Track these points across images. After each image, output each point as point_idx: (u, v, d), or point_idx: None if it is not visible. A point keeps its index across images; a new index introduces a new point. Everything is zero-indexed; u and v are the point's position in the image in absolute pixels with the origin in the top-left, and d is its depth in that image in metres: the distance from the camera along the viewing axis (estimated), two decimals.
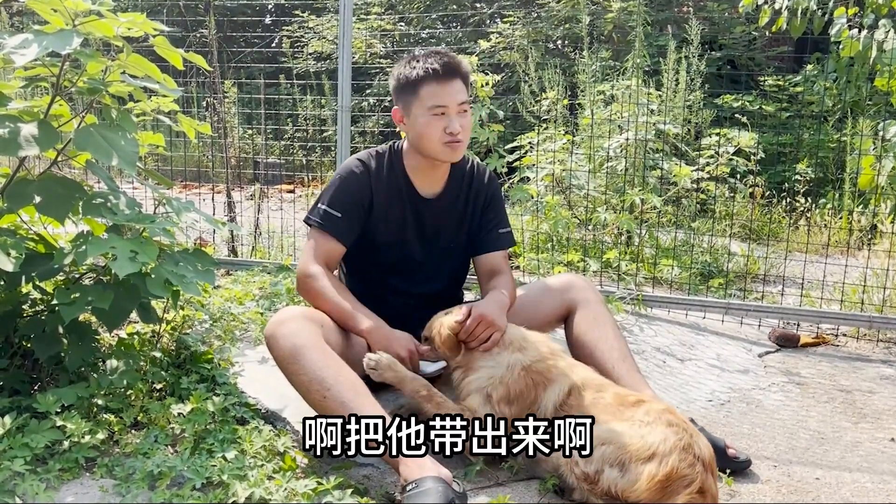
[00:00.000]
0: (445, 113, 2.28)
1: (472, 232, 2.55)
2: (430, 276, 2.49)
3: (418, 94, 2.29)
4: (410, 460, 1.83)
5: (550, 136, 4.67)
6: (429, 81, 2.27)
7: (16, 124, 1.89)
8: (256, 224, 4.49)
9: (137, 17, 2.00)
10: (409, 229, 2.45)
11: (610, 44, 7.76)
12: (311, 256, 2.33)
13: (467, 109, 2.34)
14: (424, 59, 2.31)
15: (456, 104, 2.29)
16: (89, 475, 1.82)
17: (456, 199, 2.51)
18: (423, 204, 2.46)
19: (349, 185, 2.38)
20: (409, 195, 2.44)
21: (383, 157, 2.45)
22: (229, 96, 6.24)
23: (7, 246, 1.94)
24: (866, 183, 4.36)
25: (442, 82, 2.27)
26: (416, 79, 2.29)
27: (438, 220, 2.49)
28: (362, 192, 2.38)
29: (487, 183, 2.57)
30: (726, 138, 4.59)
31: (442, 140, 2.29)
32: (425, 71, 2.28)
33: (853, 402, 2.87)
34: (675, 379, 3.00)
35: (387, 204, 2.41)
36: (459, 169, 2.51)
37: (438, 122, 2.28)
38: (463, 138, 2.32)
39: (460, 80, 2.32)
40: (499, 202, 2.59)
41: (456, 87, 2.30)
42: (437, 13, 9.94)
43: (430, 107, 2.28)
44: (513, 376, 2.05)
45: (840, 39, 4.18)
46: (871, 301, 3.74)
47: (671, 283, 4.12)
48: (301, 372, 1.98)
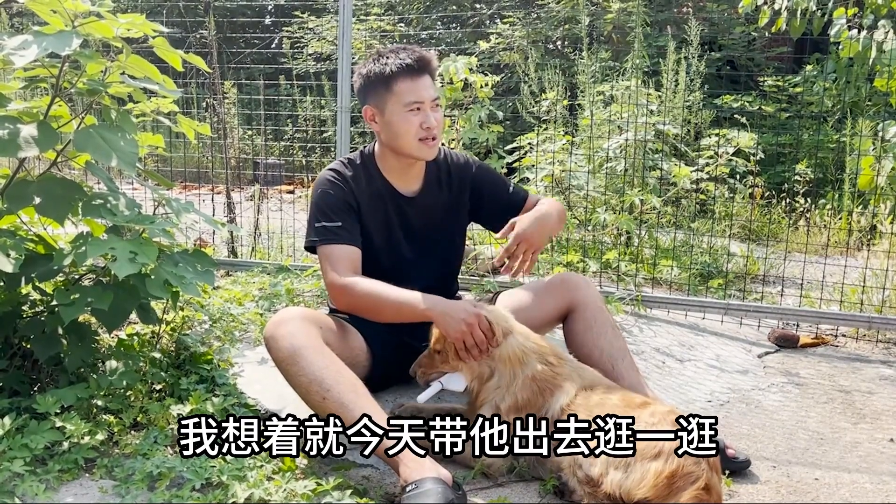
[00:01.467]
0: (421, 108, 2.28)
1: (484, 217, 2.58)
2: (422, 273, 2.46)
3: (392, 90, 2.28)
4: (410, 461, 1.83)
5: (550, 137, 4.67)
6: (403, 77, 2.27)
7: (15, 125, 1.90)
8: (256, 225, 4.49)
9: (137, 19, 2.01)
10: (395, 229, 2.45)
11: (609, 44, 7.77)
12: (336, 268, 2.25)
13: (439, 104, 2.34)
14: (395, 54, 2.30)
15: (430, 99, 2.29)
16: (89, 476, 1.83)
17: (439, 191, 2.51)
18: (405, 203, 2.46)
19: (333, 195, 2.35)
20: (390, 196, 2.44)
21: (357, 164, 2.43)
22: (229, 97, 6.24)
23: (7, 247, 1.94)
24: (866, 183, 4.36)
25: (415, 77, 2.27)
26: (388, 75, 2.28)
27: (423, 216, 2.49)
28: (347, 197, 2.36)
29: (467, 166, 2.57)
30: (726, 139, 4.59)
31: (418, 136, 2.29)
32: (398, 67, 2.27)
33: (852, 403, 2.87)
34: (675, 379, 3.00)
35: (370, 208, 2.40)
36: (433, 162, 2.50)
37: (414, 117, 2.28)
38: (438, 134, 2.32)
39: (428, 75, 2.32)
40: (490, 176, 2.60)
41: (427, 82, 2.30)
42: (436, 14, 9.94)
43: (406, 103, 2.27)
44: (519, 385, 2.05)
45: (839, 40, 4.18)
46: (870, 301, 3.74)
47: (670, 283, 4.12)
48: (300, 373, 1.98)
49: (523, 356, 2.08)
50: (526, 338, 2.14)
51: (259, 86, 5.71)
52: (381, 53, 2.32)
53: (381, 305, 2.17)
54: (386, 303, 2.16)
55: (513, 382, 2.05)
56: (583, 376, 2.11)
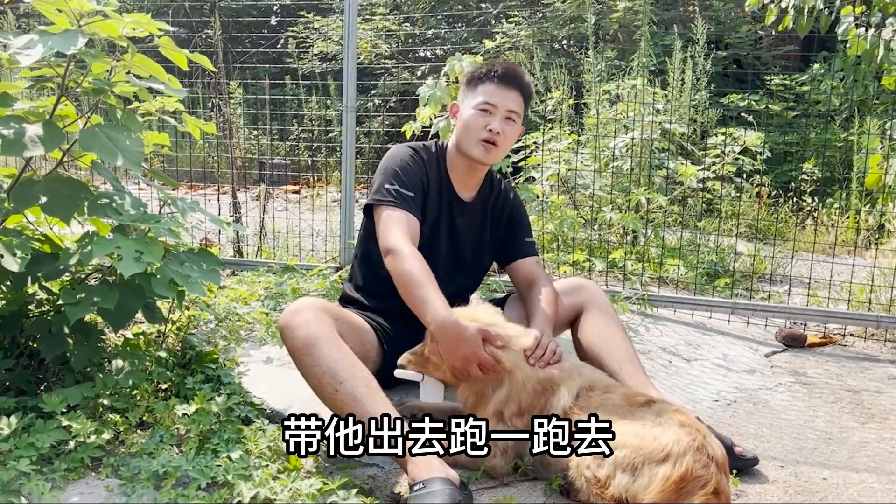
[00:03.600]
0: (492, 112, 2.35)
1: (500, 245, 2.60)
2: (449, 278, 2.41)
3: (476, 89, 2.40)
4: (419, 460, 1.83)
5: (556, 136, 4.66)
6: (489, 80, 2.38)
7: (21, 125, 1.90)
8: (262, 224, 4.49)
9: (142, 18, 2.01)
10: (442, 225, 2.48)
11: (615, 43, 7.74)
12: (398, 230, 2.20)
13: (514, 119, 2.39)
14: (495, 63, 2.44)
15: (505, 108, 2.36)
16: (94, 475, 1.82)
17: (486, 208, 2.57)
18: (457, 204, 2.50)
19: (413, 169, 2.40)
20: (448, 193, 2.48)
21: (431, 152, 2.50)
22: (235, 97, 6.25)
23: (13, 246, 1.95)
24: (874, 182, 4.34)
25: (499, 85, 2.37)
26: (479, 76, 2.41)
27: (468, 224, 2.53)
28: (422, 177, 2.41)
29: (512, 198, 2.64)
30: (732, 137, 4.57)
31: (480, 136, 2.35)
32: (488, 71, 2.39)
33: (861, 403, 2.85)
34: (682, 379, 2.99)
35: (430, 196, 2.44)
36: (490, 180, 2.58)
37: (483, 118, 2.35)
38: (500, 142, 2.37)
39: (518, 92, 2.39)
40: (523, 216, 2.65)
41: (511, 94, 2.38)
42: (442, 13, 9.94)
43: (480, 101, 2.36)
44: (523, 391, 2.04)
45: (847, 38, 4.16)
46: (878, 301, 3.72)
47: (677, 282, 4.11)
48: (314, 364, 1.97)
49: (534, 370, 2.07)
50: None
51: (265, 86, 5.71)
52: (489, 60, 2.47)
53: (411, 289, 2.11)
54: (414, 291, 2.10)
55: (523, 391, 2.05)
56: (583, 374, 2.10)
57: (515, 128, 2.41)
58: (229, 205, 4.48)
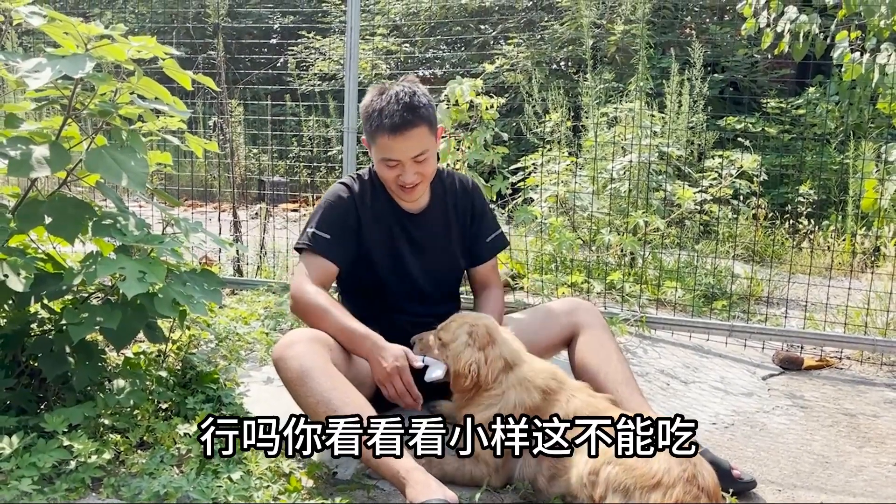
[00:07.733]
0: (398, 165, 2.32)
1: (464, 243, 2.61)
2: (427, 286, 2.52)
3: (375, 140, 2.31)
4: (417, 482, 1.83)
5: (554, 158, 4.70)
6: (383, 134, 2.27)
7: (28, 146, 1.92)
8: (262, 243, 4.50)
9: (149, 42, 2.04)
10: (400, 243, 2.49)
11: (613, 66, 7.81)
12: (305, 276, 2.32)
13: (426, 154, 2.33)
14: (387, 104, 2.27)
15: (409, 157, 2.30)
16: (95, 495, 1.83)
17: (444, 209, 2.57)
18: (408, 219, 2.50)
19: (335, 209, 2.41)
20: (392, 213, 2.49)
21: (365, 180, 2.49)
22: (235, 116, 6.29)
23: (17, 266, 1.96)
24: (869, 205, 4.38)
25: (396, 136, 2.26)
26: (373, 127, 2.30)
27: (428, 231, 2.53)
28: (348, 214, 2.42)
29: (470, 192, 2.62)
30: (729, 160, 4.61)
31: (397, 186, 2.37)
32: (380, 123, 2.26)
33: (857, 426, 2.86)
34: (679, 401, 3.00)
35: (373, 224, 2.45)
36: (440, 183, 2.56)
37: (391, 171, 2.34)
38: (420, 185, 2.37)
39: (417, 129, 2.27)
40: (483, 210, 2.65)
41: (410, 139, 2.27)
42: (441, 35, 10.02)
43: (383, 158, 2.33)
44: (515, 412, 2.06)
45: (842, 63, 4.21)
46: (874, 324, 3.74)
47: (675, 304, 4.13)
48: (309, 394, 2.00)
49: (528, 386, 2.09)
50: (530, 367, 2.15)
51: (265, 105, 5.75)
52: (382, 91, 2.32)
53: (324, 320, 2.22)
54: (329, 320, 2.22)
55: (516, 407, 2.06)
56: (580, 398, 2.09)
57: (430, 160, 2.36)
58: (229, 223, 4.50)
